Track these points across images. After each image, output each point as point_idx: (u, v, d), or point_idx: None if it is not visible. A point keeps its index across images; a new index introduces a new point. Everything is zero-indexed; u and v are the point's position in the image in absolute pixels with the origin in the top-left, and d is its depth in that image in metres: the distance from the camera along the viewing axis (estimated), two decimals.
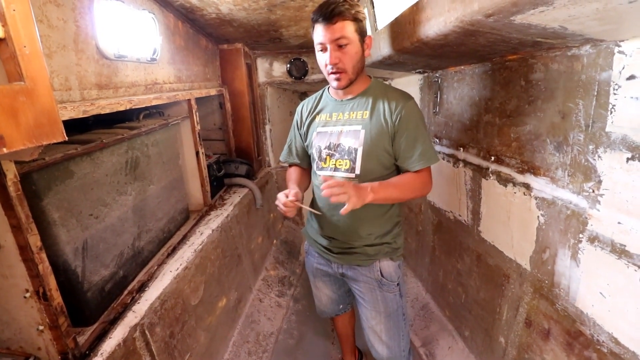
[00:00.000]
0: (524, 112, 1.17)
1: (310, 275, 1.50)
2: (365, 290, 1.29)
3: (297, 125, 1.37)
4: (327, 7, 1.04)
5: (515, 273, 1.30)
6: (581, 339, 1.02)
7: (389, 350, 1.33)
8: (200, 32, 2.18)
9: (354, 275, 1.29)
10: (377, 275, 1.25)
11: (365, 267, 1.26)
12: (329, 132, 1.22)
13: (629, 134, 0.83)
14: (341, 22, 1.04)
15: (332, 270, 1.36)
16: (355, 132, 1.16)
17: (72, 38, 1.10)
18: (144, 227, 1.50)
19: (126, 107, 1.27)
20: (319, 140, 1.24)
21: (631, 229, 0.84)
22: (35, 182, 0.96)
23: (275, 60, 2.91)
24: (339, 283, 1.45)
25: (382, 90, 1.19)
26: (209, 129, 2.73)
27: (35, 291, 0.88)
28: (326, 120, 1.25)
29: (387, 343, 1.33)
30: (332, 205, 1.19)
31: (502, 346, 1.38)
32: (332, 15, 1.03)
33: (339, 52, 1.07)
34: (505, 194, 1.31)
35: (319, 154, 1.24)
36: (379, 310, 1.29)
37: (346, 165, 1.17)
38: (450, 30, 0.90)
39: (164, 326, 1.29)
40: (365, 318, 1.34)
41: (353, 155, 1.16)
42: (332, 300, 1.51)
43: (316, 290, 1.52)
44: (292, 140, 1.41)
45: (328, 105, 1.26)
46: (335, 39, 1.05)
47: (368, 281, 1.27)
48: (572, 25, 0.74)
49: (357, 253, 1.24)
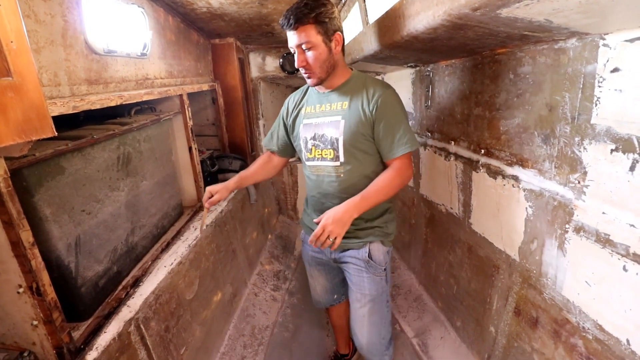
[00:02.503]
0: (513, 105, 1.19)
1: (306, 264, 1.54)
2: (353, 271, 1.33)
3: (283, 116, 1.42)
4: (289, 14, 1.10)
5: (504, 264, 1.33)
6: (567, 326, 1.05)
7: (369, 336, 1.36)
8: (191, 26, 2.16)
9: (345, 259, 1.33)
10: (365, 257, 1.29)
11: (356, 250, 1.30)
12: (314, 123, 1.27)
13: (613, 126, 0.85)
14: (302, 27, 1.10)
15: (325, 257, 1.40)
16: (335, 122, 1.22)
17: (60, 33, 1.09)
18: (138, 223, 1.50)
19: (117, 102, 1.27)
20: (305, 132, 1.29)
21: (615, 219, 0.87)
22: (25, 178, 0.96)
23: (268, 55, 2.90)
24: (334, 272, 1.49)
25: (362, 81, 1.24)
26: (202, 124, 2.72)
27: (28, 286, 0.88)
28: (310, 112, 1.30)
29: (368, 328, 1.35)
30: (322, 193, 1.28)
31: (493, 335, 1.42)
32: (293, 22, 1.09)
33: (304, 55, 1.14)
34: (495, 187, 1.33)
35: (306, 145, 1.30)
36: (364, 293, 1.32)
37: (331, 154, 1.23)
38: (439, 24, 0.91)
39: (159, 320, 1.30)
40: (352, 302, 1.38)
41: (335, 144, 1.21)
42: (326, 289, 1.55)
43: (311, 279, 1.56)
44: (275, 129, 1.47)
45: (312, 98, 1.32)
46: (299, 44, 1.12)
47: (357, 262, 1.31)
48: (557, 18, 0.75)
49: (349, 237, 1.26)
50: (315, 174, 1.29)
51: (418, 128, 1.99)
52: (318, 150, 1.26)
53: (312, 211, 1.38)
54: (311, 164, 1.29)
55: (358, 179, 1.22)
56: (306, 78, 1.21)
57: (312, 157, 1.28)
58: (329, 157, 1.24)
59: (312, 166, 1.29)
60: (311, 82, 1.20)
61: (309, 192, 1.37)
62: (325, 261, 1.42)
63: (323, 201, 1.30)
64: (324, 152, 1.25)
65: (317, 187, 1.30)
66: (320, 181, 1.28)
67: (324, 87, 1.26)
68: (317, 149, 1.26)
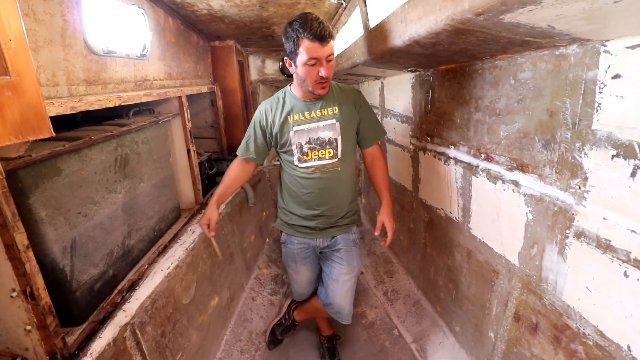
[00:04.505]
0: (513, 110, 1.19)
1: (291, 263, 1.67)
2: (345, 251, 1.56)
3: (261, 125, 1.49)
4: (320, 29, 1.21)
5: (504, 269, 1.32)
6: (568, 332, 1.04)
7: (350, 303, 1.61)
8: (191, 28, 2.16)
9: (336, 244, 1.56)
10: (355, 237, 1.60)
11: (346, 233, 1.57)
12: (306, 129, 1.41)
13: (614, 132, 0.85)
14: (330, 43, 1.26)
15: (313, 250, 1.61)
16: (331, 125, 1.41)
17: (59, 33, 1.08)
18: (134, 226, 1.48)
19: (115, 103, 1.25)
20: (298, 138, 1.42)
21: (616, 225, 0.87)
22: (21, 179, 0.94)
23: (268, 58, 2.90)
24: (315, 263, 1.68)
25: (338, 88, 1.47)
26: (201, 126, 2.71)
27: (22, 290, 0.86)
28: (300, 120, 1.42)
29: (351, 297, 1.61)
30: (323, 188, 1.46)
31: (492, 340, 1.41)
32: (326, 37, 1.22)
33: (328, 66, 1.28)
34: (495, 191, 1.33)
35: (300, 149, 1.43)
36: (352, 266, 1.57)
37: (330, 153, 1.43)
38: (441, 28, 0.91)
39: (155, 325, 1.27)
40: (337, 276, 1.56)
41: (334, 144, 1.42)
42: (310, 281, 1.73)
43: (297, 275, 1.70)
44: (250, 137, 1.53)
45: (297, 106, 1.43)
46: (327, 55, 1.26)
47: (348, 243, 1.56)
48: (560, 24, 0.75)
49: (338, 225, 1.54)
50: (313, 174, 1.44)
51: (417, 132, 1.99)
52: (315, 152, 1.42)
53: (306, 209, 1.51)
54: (307, 165, 1.44)
55: (350, 169, 1.51)
56: (320, 87, 1.33)
57: (309, 158, 1.43)
58: (328, 157, 1.43)
59: (309, 167, 1.44)
60: (325, 90, 1.36)
61: (302, 191, 1.48)
62: (311, 254, 1.63)
63: (323, 195, 1.47)
64: (321, 153, 1.43)
65: (315, 185, 1.45)
66: (319, 178, 1.44)
67: (310, 95, 1.40)
68: (313, 151, 1.42)
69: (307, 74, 1.29)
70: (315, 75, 1.28)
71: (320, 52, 1.24)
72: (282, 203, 1.60)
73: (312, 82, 1.31)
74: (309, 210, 1.51)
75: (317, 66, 1.27)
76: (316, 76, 1.28)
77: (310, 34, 1.21)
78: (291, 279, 1.76)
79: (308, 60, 1.25)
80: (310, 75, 1.28)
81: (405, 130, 2.18)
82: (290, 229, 1.59)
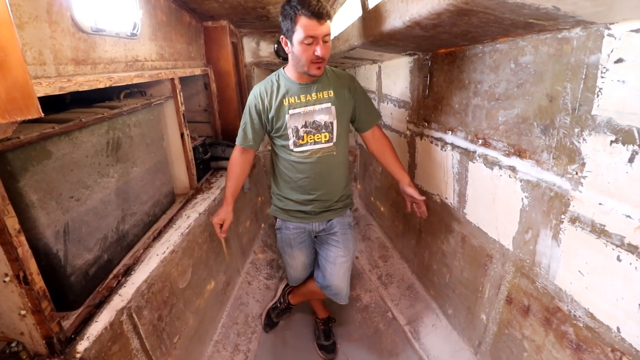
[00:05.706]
0: (513, 95, 1.18)
1: (287, 249, 1.67)
2: (341, 233, 1.59)
3: (258, 110, 1.44)
4: (318, 6, 1.19)
5: (498, 253, 1.34)
6: (559, 314, 1.07)
7: (347, 284, 1.65)
8: (183, 7, 2.08)
9: (332, 228, 1.58)
10: (350, 220, 1.64)
11: (341, 217, 1.59)
12: (302, 112, 1.39)
13: (613, 117, 0.84)
14: (328, 22, 1.23)
15: (309, 234, 1.63)
16: (327, 108, 1.40)
17: (45, 8, 1.03)
18: (128, 210, 1.46)
19: (106, 84, 1.21)
20: (294, 121, 1.40)
21: (611, 210, 0.87)
22: (10, 162, 0.91)
23: (262, 40, 2.82)
24: (310, 247, 1.69)
25: (332, 73, 1.46)
26: (194, 110, 2.65)
27: (15, 275, 0.85)
28: (295, 103, 1.40)
29: (347, 278, 1.64)
30: (319, 172, 1.46)
31: (484, 323, 1.44)
32: (324, 15, 1.20)
33: (325, 46, 1.26)
34: (491, 177, 1.33)
35: (296, 133, 1.41)
36: (349, 248, 1.60)
37: (326, 137, 1.42)
38: (443, 9, 0.88)
39: (151, 309, 1.28)
40: (334, 259, 1.59)
41: (330, 128, 1.42)
42: (305, 266, 1.74)
43: (292, 260, 1.71)
44: (246, 124, 1.48)
45: (292, 89, 1.40)
46: (324, 35, 1.23)
47: (343, 226, 1.60)
48: (565, 5, 0.74)
49: (333, 209, 1.56)
50: (309, 158, 1.43)
51: (415, 118, 1.97)
52: (311, 136, 1.42)
53: (301, 193, 1.51)
54: (303, 149, 1.43)
55: (344, 153, 1.52)
56: (315, 68, 1.29)
57: (305, 142, 1.42)
58: (323, 140, 1.42)
59: (305, 150, 1.43)
60: (319, 72, 1.32)
61: (297, 176, 1.48)
62: (307, 239, 1.64)
63: (319, 180, 1.47)
64: (317, 137, 1.42)
65: (311, 169, 1.45)
66: (315, 163, 1.44)
67: (306, 78, 1.38)
68: (309, 134, 1.41)
69: (303, 52, 1.26)
70: (311, 55, 1.25)
71: (317, 31, 1.21)
72: (276, 189, 1.59)
73: (308, 62, 1.28)
74: (304, 195, 1.51)
75: (314, 45, 1.24)
76: (312, 55, 1.26)
77: (308, 11, 1.18)
78: (287, 264, 1.77)
79: (305, 38, 1.22)
80: (306, 54, 1.26)
81: (402, 115, 2.16)
82: (286, 214, 1.59)
